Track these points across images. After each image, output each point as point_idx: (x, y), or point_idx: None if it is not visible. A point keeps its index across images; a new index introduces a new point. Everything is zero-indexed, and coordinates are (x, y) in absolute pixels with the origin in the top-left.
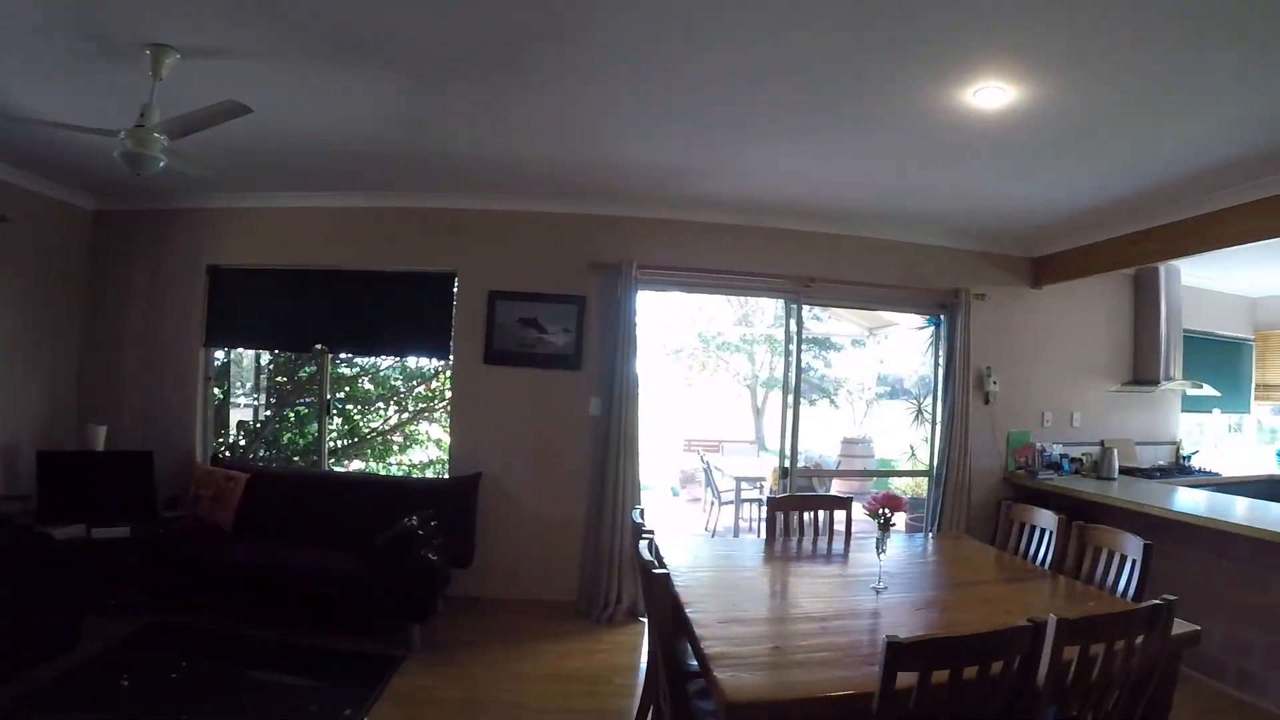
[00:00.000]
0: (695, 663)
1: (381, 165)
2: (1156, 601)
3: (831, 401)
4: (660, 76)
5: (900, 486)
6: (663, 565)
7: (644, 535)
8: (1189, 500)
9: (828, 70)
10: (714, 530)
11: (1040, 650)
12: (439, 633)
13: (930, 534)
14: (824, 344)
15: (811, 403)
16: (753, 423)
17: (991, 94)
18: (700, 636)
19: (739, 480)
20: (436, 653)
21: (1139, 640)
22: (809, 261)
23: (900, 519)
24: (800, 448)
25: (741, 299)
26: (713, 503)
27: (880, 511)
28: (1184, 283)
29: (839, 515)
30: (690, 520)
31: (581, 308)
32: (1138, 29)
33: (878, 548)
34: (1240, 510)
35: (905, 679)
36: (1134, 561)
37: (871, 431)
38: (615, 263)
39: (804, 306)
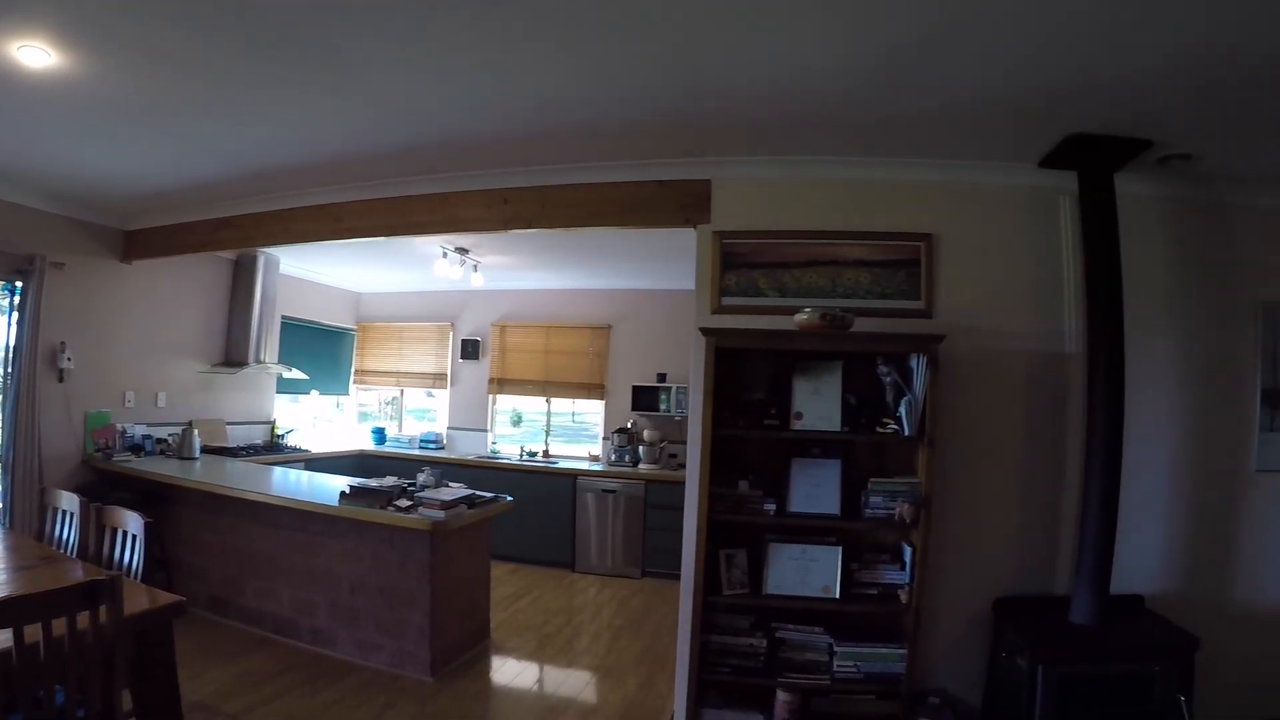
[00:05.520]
0: None
1: None
2: (98, 578)
3: None
4: None
5: None
6: None
7: None
8: (272, 478)
9: None
10: None
11: None
12: None
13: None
14: None
15: None
16: None
17: (35, 54)
18: None
19: None
20: None
21: (85, 617)
22: None
23: None
24: None
25: None
26: None
27: None
28: (297, 274)
29: None
30: None
31: None
32: (181, 29)
33: None
34: (298, 484)
35: None
36: (135, 538)
37: None
38: None
39: None
